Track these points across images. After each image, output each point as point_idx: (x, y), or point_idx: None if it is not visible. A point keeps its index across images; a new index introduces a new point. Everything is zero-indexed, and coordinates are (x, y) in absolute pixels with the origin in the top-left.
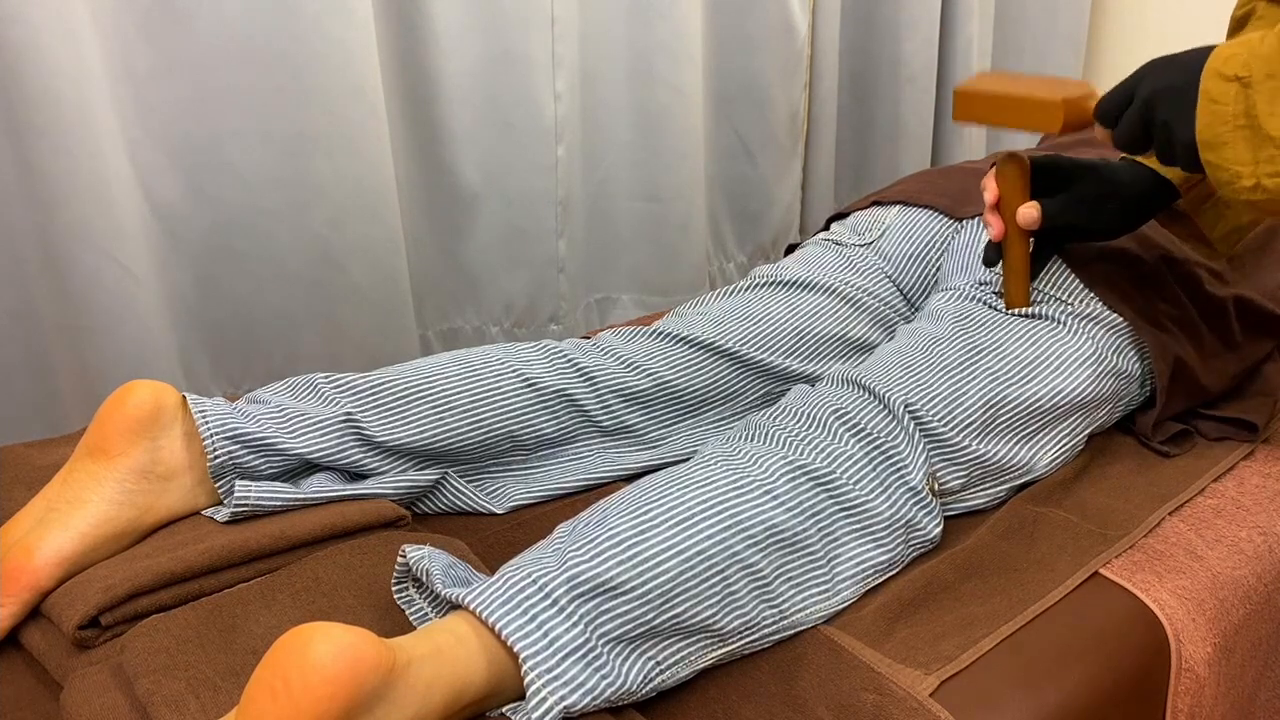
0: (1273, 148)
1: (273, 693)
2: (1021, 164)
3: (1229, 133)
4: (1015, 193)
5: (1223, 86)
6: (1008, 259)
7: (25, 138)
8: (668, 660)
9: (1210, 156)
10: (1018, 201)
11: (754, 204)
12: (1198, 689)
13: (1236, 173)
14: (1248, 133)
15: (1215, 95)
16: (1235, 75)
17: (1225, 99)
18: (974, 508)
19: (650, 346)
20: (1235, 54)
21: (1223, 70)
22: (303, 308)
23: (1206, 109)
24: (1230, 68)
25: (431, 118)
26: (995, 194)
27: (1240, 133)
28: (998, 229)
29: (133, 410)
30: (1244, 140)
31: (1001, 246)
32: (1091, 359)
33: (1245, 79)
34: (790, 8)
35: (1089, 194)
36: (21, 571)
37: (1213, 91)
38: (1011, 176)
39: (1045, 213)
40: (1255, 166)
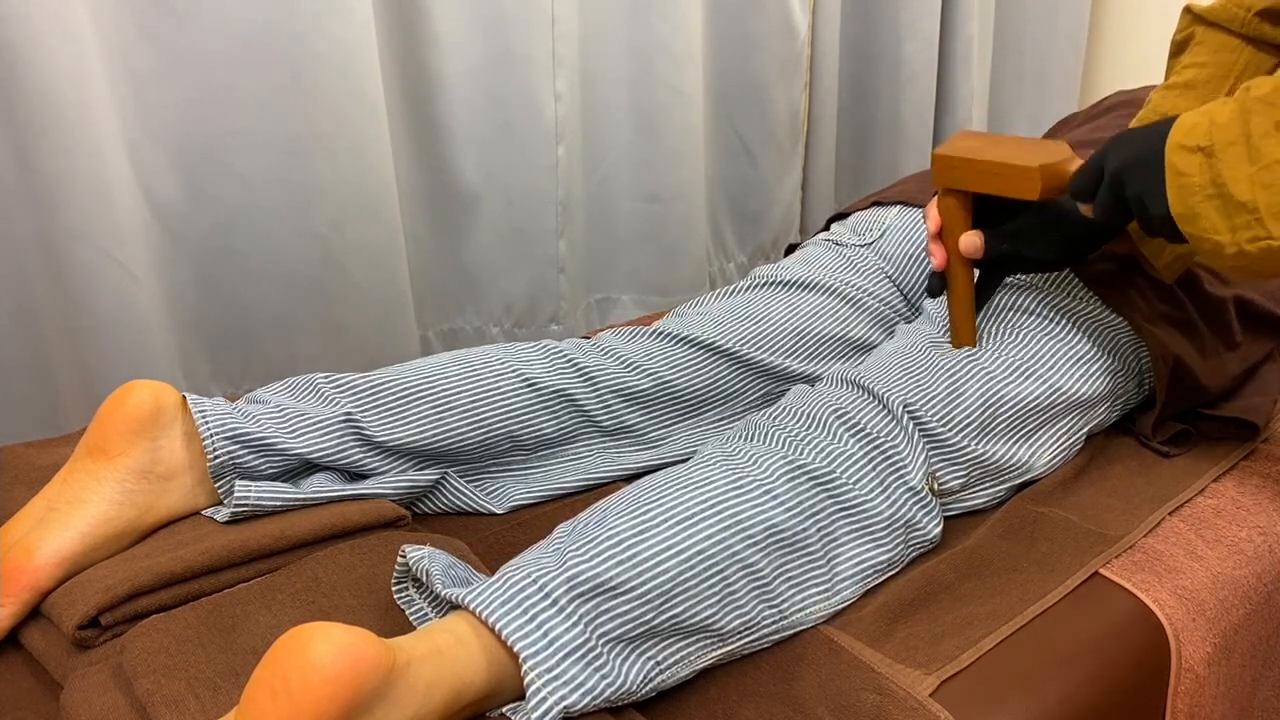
0: (1245, 214)
1: (273, 693)
2: (964, 193)
3: (1200, 203)
4: (957, 222)
5: (1187, 158)
6: (951, 289)
7: (25, 138)
8: (668, 660)
9: (1189, 229)
10: (960, 230)
11: (754, 204)
12: (1197, 689)
13: (1217, 242)
14: (1218, 202)
15: (1181, 168)
16: (1198, 145)
17: (1191, 170)
18: (974, 508)
19: (650, 346)
20: (1196, 124)
21: (1184, 142)
22: (303, 308)
23: (1175, 182)
24: (1192, 139)
25: (431, 118)
26: (937, 223)
27: (1211, 202)
28: (940, 258)
29: (133, 410)
30: (1215, 210)
31: (945, 277)
32: (1090, 358)
33: (1208, 149)
34: (790, 8)
35: (1033, 224)
36: (21, 571)
37: (1178, 164)
38: (953, 205)
39: (988, 242)
40: (1233, 234)
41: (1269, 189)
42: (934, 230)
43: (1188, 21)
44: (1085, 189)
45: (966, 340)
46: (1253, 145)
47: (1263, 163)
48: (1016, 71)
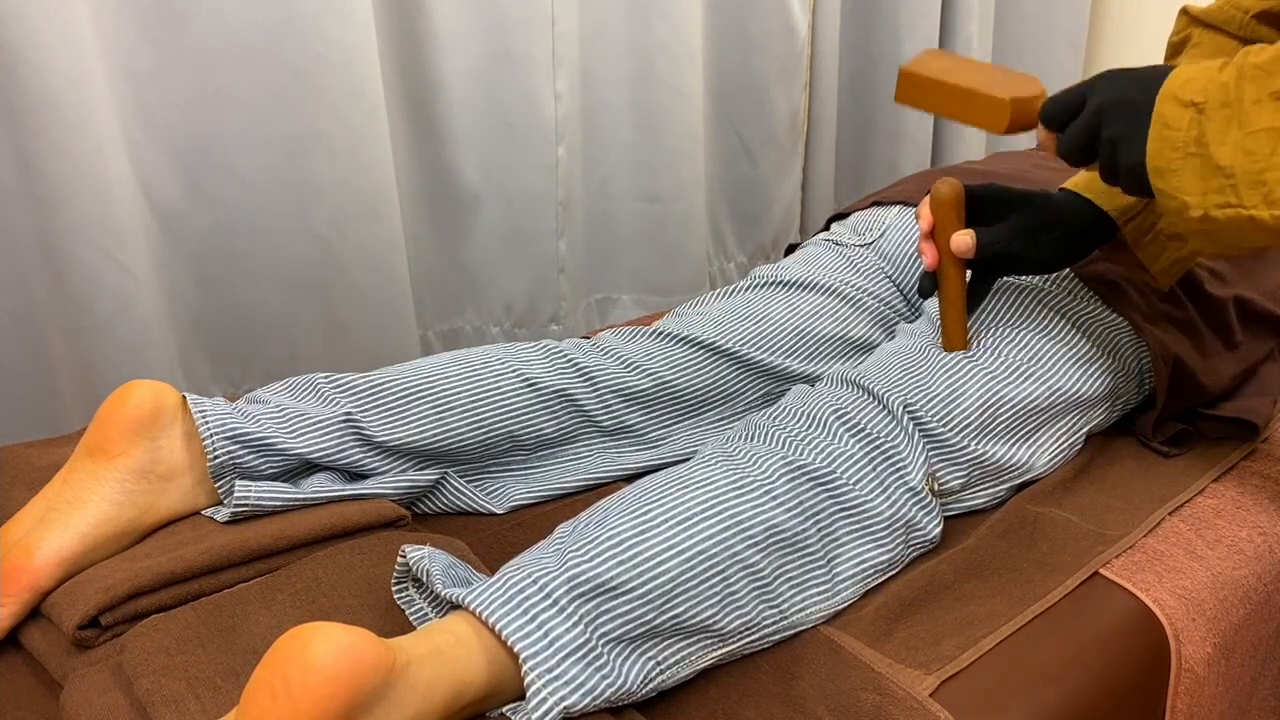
0: (1221, 178)
1: (272, 693)
2: (956, 191)
3: (1179, 160)
4: (950, 220)
5: (1178, 111)
6: (943, 289)
7: (25, 138)
8: (668, 660)
9: (1159, 183)
10: (952, 229)
11: (754, 204)
12: (1197, 689)
13: (1184, 202)
14: (1197, 161)
15: (1169, 120)
16: (1191, 101)
17: (1179, 124)
18: (974, 507)
19: (650, 346)
20: (1194, 79)
21: (1179, 94)
22: (303, 308)
23: (1159, 133)
24: (1187, 93)
25: (431, 118)
26: (929, 221)
27: (1190, 161)
28: (931, 258)
29: (133, 410)
30: (1193, 169)
31: (937, 277)
32: (1089, 358)
33: (1200, 105)
34: (790, 8)
35: (1026, 224)
36: (21, 571)
37: (1167, 116)
38: (946, 204)
39: (980, 241)
40: (1204, 197)
41: (1250, 155)
42: (925, 229)
43: (1185, 23)
44: (1057, 117)
45: (958, 343)
46: (1243, 110)
47: (1249, 129)
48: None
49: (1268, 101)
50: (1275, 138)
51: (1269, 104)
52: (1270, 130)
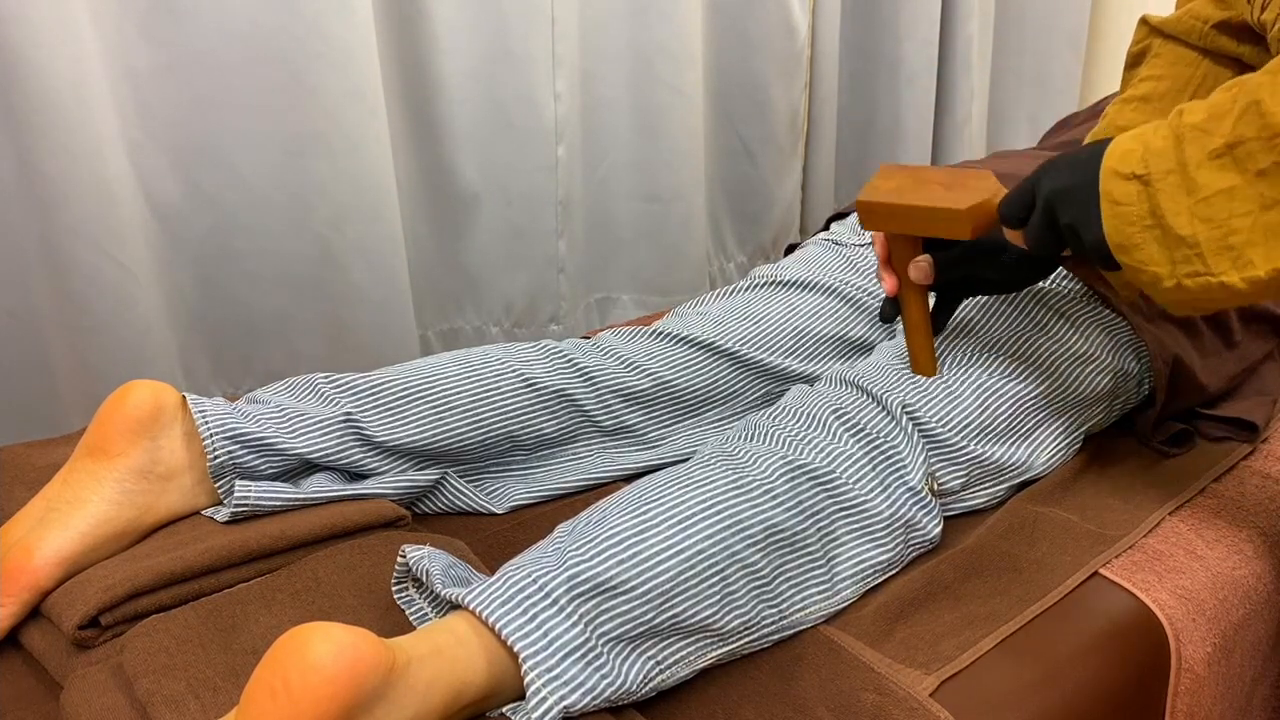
0: (1185, 248)
1: (272, 693)
2: None
3: (1138, 234)
4: (906, 246)
5: (1123, 186)
6: (905, 316)
7: (25, 138)
8: (668, 660)
9: (1125, 259)
10: (909, 255)
11: (754, 204)
12: (1197, 689)
13: (1156, 274)
14: (1157, 233)
15: (1117, 196)
16: (1133, 173)
17: (1128, 199)
18: (973, 507)
19: (650, 346)
20: (1130, 150)
21: (1119, 169)
22: (303, 308)
23: (1111, 211)
24: (1127, 165)
25: (431, 118)
26: (885, 249)
27: (1150, 233)
28: (890, 284)
29: (133, 410)
30: (1155, 241)
31: (899, 303)
32: (1089, 358)
33: (1144, 176)
34: (790, 8)
35: (984, 246)
36: (21, 571)
37: (1114, 193)
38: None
39: (939, 266)
40: (1172, 267)
41: (1209, 223)
42: (883, 256)
43: (1144, 33)
44: (1015, 216)
45: (926, 368)
46: (1187, 175)
47: (1200, 195)
48: (1016, 71)
49: (1209, 163)
50: (1229, 199)
51: (1210, 165)
52: (1220, 193)
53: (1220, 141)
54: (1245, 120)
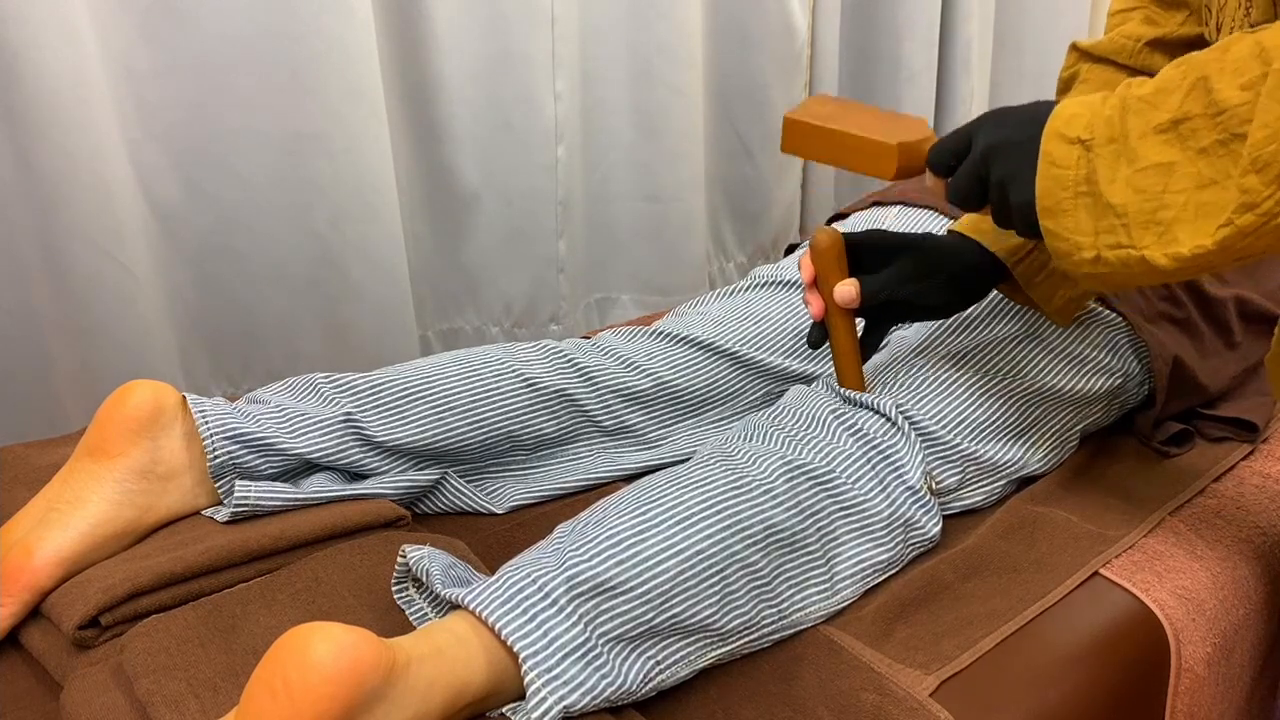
0: (1113, 217)
1: (272, 693)
2: (835, 240)
3: (1069, 199)
4: (832, 270)
5: (1064, 149)
6: (833, 340)
7: (25, 138)
8: (668, 660)
9: (1049, 224)
10: (835, 279)
11: (754, 204)
12: (1197, 689)
13: (1076, 243)
14: (1089, 200)
15: (1056, 158)
16: (1078, 137)
17: (1067, 162)
18: (972, 506)
19: (650, 346)
20: (1078, 114)
21: (1064, 131)
22: (303, 308)
23: (1047, 172)
24: (1072, 129)
25: (431, 118)
26: (811, 272)
27: (1081, 200)
28: (817, 308)
29: (133, 410)
30: (1085, 208)
31: (826, 328)
32: (1087, 357)
33: (1088, 141)
34: (790, 8)
35: (910, 270)
36: (21, 571)
37: (1054, 154)
38: (826, 253)
39: (865, 290)
40: (1095, 237)
41: (1141, 194)
42: (808, 280)
43: (1074, 59)
44: (944, 163)
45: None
46: (1129, 145)
47: (1138, 165)
48: (1016, 71)
49: (1152, 136)
50: (1165, 173)
51: (1154, 138)
52: (1159, 166)
53: (1166, 116)
54: (1192, 96)
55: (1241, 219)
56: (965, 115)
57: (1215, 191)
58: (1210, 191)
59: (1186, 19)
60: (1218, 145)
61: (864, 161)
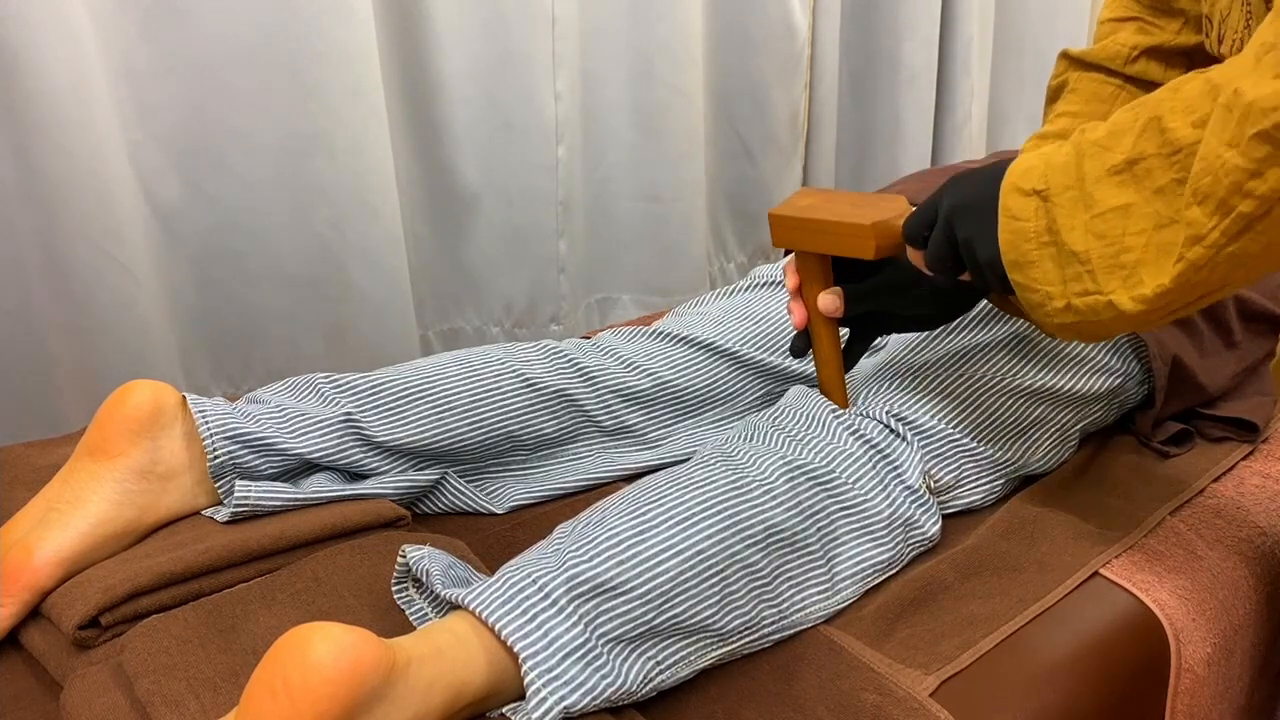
0: (1077, 264)
1: (272, 693)
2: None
3: (1034, 250)
4: (816, 279)
5: (1022, 202)
6: (816, 350)
7: (25, 138)
8: (668, 660)
9: (1018, 277)
10: (819, 288)
11: (754, 204)
12: (1197, 689)
13: (1047, 293)
14: (1052, 250)
15: (1015, 211)
16: (1034, 189)
17: (1025, 214)
18: (971, 505)
19: (650, 346)
20: (1032, 166)
21: (1020, 184)
22: (303, 308)
23: (1008, 225)
24: (1028, 181)
25: (431, 118)
26: (795, 280)
27: (1045, 250)
28: (799, 317)
29: (133, 410)
30: (1050, 258)
31: (810, 336)
32: (1087, 357)
33: (1044, 192)
34: (790, 8)
35: (894, 280)
36: (21, 571)
37: (1013, 207)
38: (811, 262)
39: (848, 300)
40: (1064, 285)
41: (1102, 239)
42: (792, 288)
43: (1064, 66)
44: (918, 235)
45: (837, 402)
46: (1085, 191)
47: (1096, 210)
48: (1016, 71)
49: (1107, 179)
50: (1123, 216)
51: (1109, 181)
52: (1117, 209)
53: (1120, 158)
54: (1145, 137)
55: (1191, 253)
56: (965, 115)
57: (1172, 230)
58: (1169, 231)
59: (1183, 28)
60: (1174, 184)
61: (846, 244)
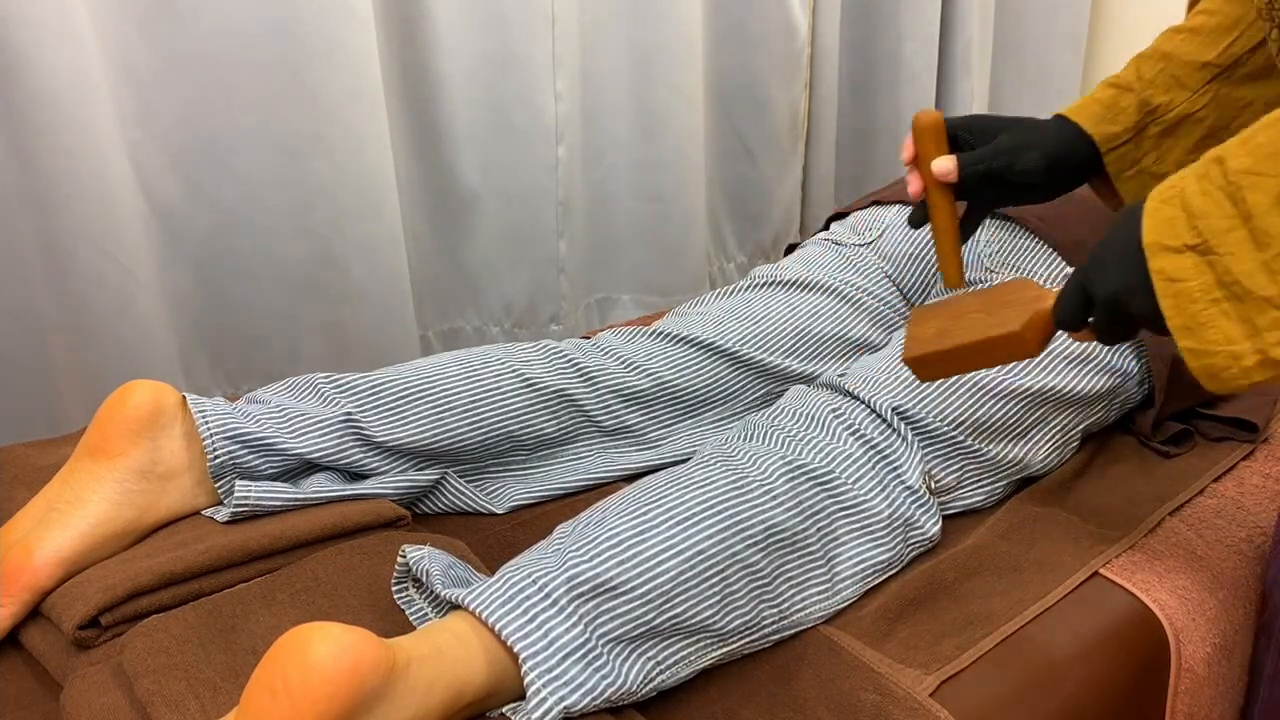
0: (1271, 310)
1: (273, 693)
2: (936, 118)
3: (1204, 310)
4: (930, 147)
5: (1176, 261)
6: (933, 218)
7: (25, 138)
8: (668, 660)
9: (1192, 344)
10: (934, 154)
11: (754, 204)
12: (1197, 689)
13: (1230, 353)
14: (1228, 305)
15: (1171, 273)
16: (1184, 245)
17: (1185, 274)
18: (972, 506)
19: (650, 346)
20: (1169, 219)
21: (1166, 243)
22: (303, 308)
23: (1168, 291)
24: (1174, 237)
25: (431, 118)
26: (911, 151)
27: (1218, 306)
28: (916, 186)
29: (133, 410)
30: (1224, 315)
31: (927, 208)
32: (1087, 356)
33: (1199, 246)
34: (790, 8)
35: (1007, 144)
36: (21, 571)
37: (1168, 270)
38: (926, 130)
39: (963, 164)
40: (1253, 340)
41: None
42: (908, 158)
43: None
44: (1076, 320)
45: (953, 278)
46: (1256, 226)
47: (1276, 249)
48: (1016, 71)
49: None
50: None
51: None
52: None
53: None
54: None
55: None
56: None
57: None
58: None
59: None
60: None
61: (1001, 356)
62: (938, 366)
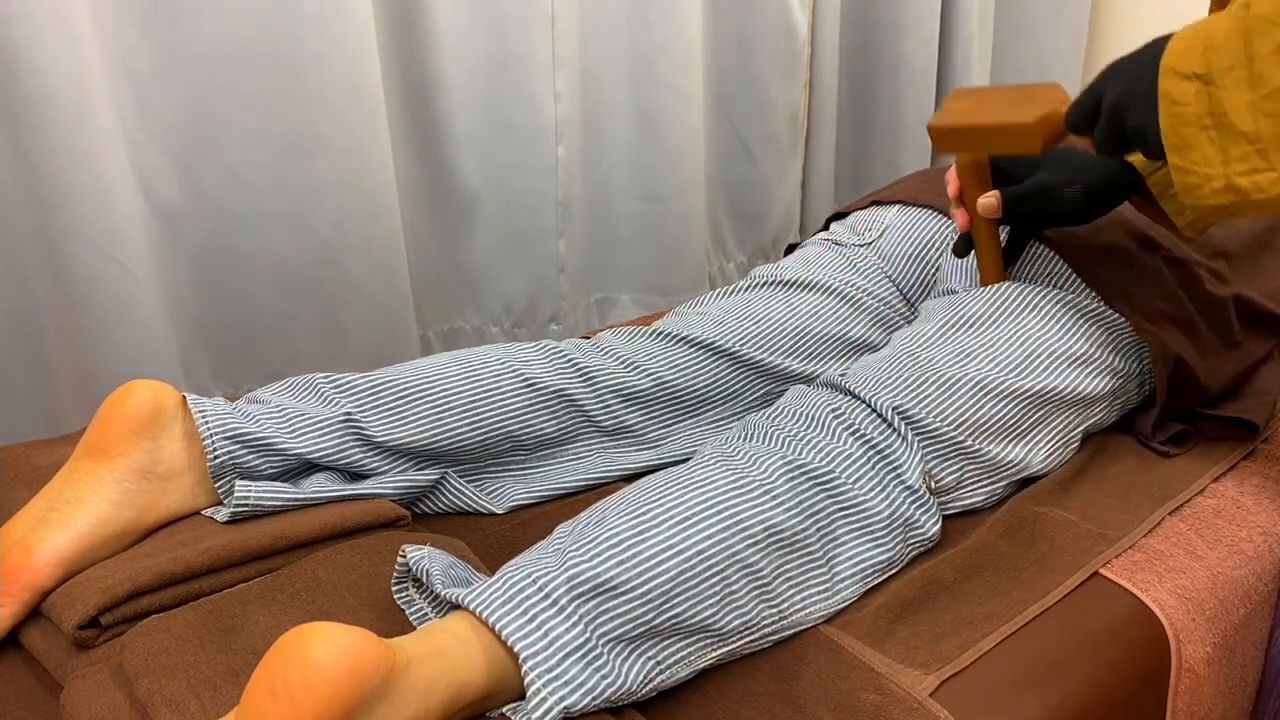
0: (1245, 144)
1: (273, 693)
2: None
3: (1194, 133)
4: (975, 183)
5: (1181, 86)
6: (979, 250)
7: (25, 138)
8: (668, 660)
9: (1177, 160)
10: (978, 192)
11: (754, 204)
12: (1197, 689)
13: (1205, 175)
14: (1214, 132)
15: (1175, 96)
16: (1193, 72)
17: (1185, 99)
18: (972, 506)
19: (650, 346)
20: (1190, 47)
21: (1179, 68)
22: (303, 308)
23: (1168, 111)
24: (1186, 64)
25: (431, 118)
26: (956, 187)
27: (1206, 133)
28: (963, 220)
29: (133, 410)
30: (1209, 141)
31: (972, 240)
32: (1088, 357)
33: (1205, 75)
34: (790, 8)
35: (1049, 181)
36: (21, 571)
37: (1173, 92)
38: (971, 167)
39: (1006, 200)
40: (1225, 166)
41: (1272, 118)
42: (953, 194)
43: None
44: (1082, 123)
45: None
46: (1254, 70)
47: (1266, 89)
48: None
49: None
50: None
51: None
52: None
53: None
54: None
55: None
56: None
57: None
58: None
59: None
60: None
61: (1011, 144)
62: (954, 140)
